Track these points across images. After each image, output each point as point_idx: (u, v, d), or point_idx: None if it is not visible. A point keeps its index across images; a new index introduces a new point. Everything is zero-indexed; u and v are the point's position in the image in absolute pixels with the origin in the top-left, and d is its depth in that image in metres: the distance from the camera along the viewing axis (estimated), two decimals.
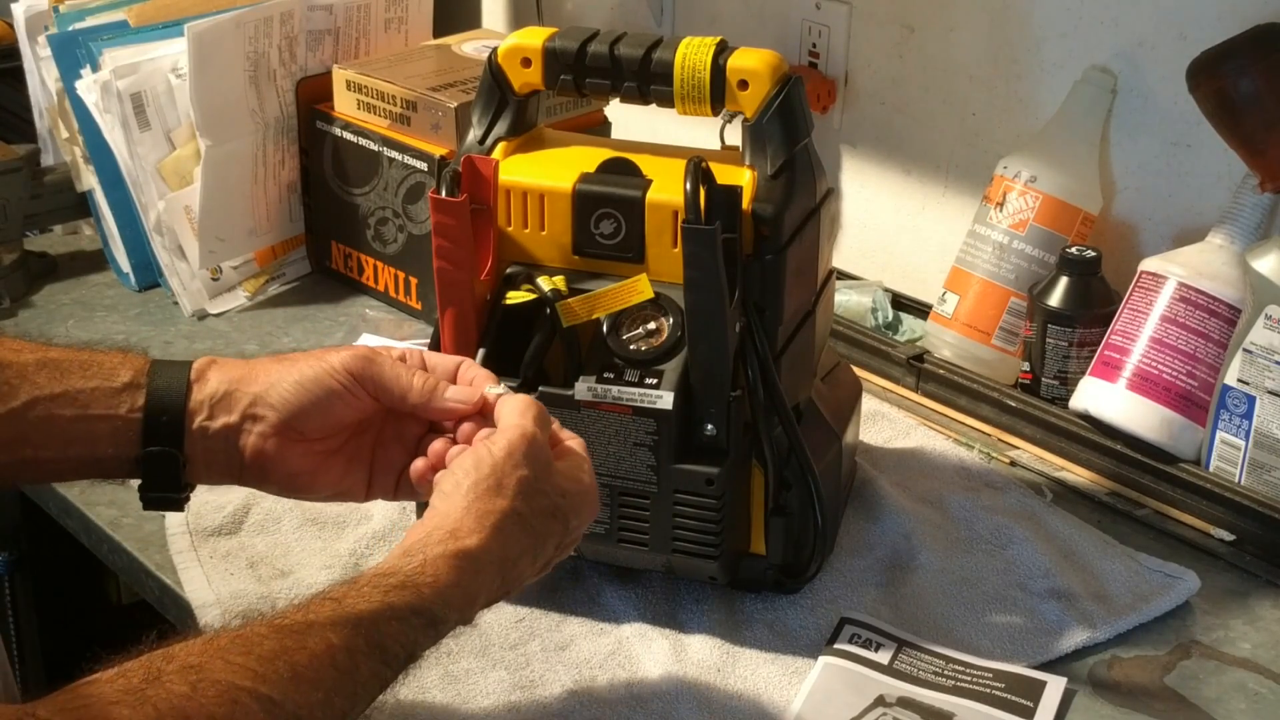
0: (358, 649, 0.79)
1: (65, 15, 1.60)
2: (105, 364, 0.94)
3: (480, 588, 0.87)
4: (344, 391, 0.95)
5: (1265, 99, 1.24)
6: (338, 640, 0.78)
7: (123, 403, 0.93)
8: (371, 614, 0.80)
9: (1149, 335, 1.31)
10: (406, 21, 1.73)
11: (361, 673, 0.79)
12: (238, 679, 0.73)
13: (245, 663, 0.74)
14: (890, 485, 1.30)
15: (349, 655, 0.78)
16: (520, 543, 0.89)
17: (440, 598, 0.84)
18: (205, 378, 0.95)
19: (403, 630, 0.82)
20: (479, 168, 1.07)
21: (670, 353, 1.09)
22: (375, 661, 0.80)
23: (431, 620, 0.84)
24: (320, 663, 0.77)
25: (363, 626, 0.80)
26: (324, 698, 0.76)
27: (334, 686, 0.77)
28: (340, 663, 0.78)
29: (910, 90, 1.60)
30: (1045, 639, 1.13)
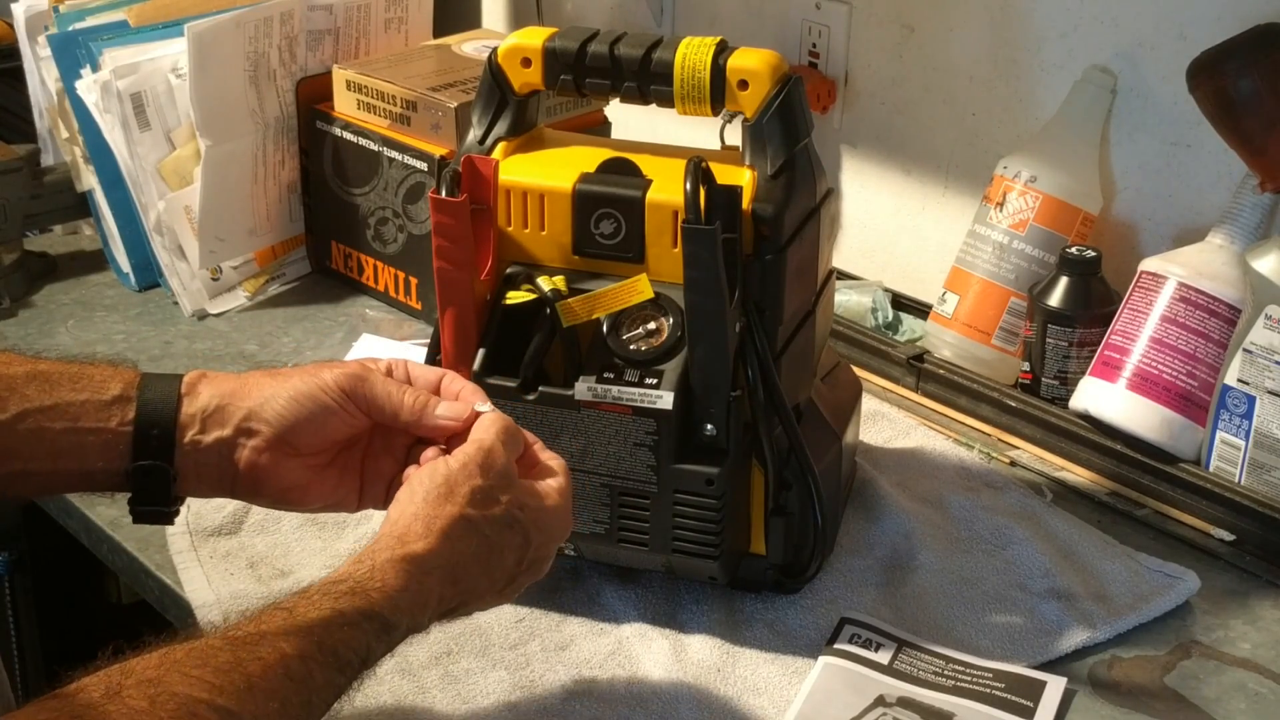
0: (311, 656, 0.79)
1: (65, 15, 1.60)
2: (95, 377, 0.94)
3: (430, 592, 0.87)
4: (337, 408, 0.96)
5: (1265, 99, 1.24)
6: (290, 649, 0.78)
7: (113, 416, 0.93)
8: (323, 621, 0.81)
9: (1149, 335, 1.31)
10: (406, 21, 1.73)
11: (316, 680, 0.79)
12: (195, 691, 0.74)
13: (201, 675, 0.75)
14: (890, 485, 1.30)
15: (302, 663, 0.79)
16: (468, 547, 0.89)
17: (390, 602, 0.84)
18: (196, 391, 0.95)
19: (355, 636, 0.82)
20: (479, 168, 1.07)
21: (670, 353, 1.09)
22: (329, 669, 0.80)
23: (383, 625, 0.84)
24: (274, 672, 0.77)
25: (314, 634, 0.80)
26: (279, 707, 0.76)
27: (289, 695, 0.77)
28: (294, 671, 0.78)
29: (910, 90, 1.60)
30: (1045, 639, 1.13)
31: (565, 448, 1.09)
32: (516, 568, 0.93)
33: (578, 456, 1.10)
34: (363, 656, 0.83)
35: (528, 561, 0.94)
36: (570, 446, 1.09)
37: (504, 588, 0.94)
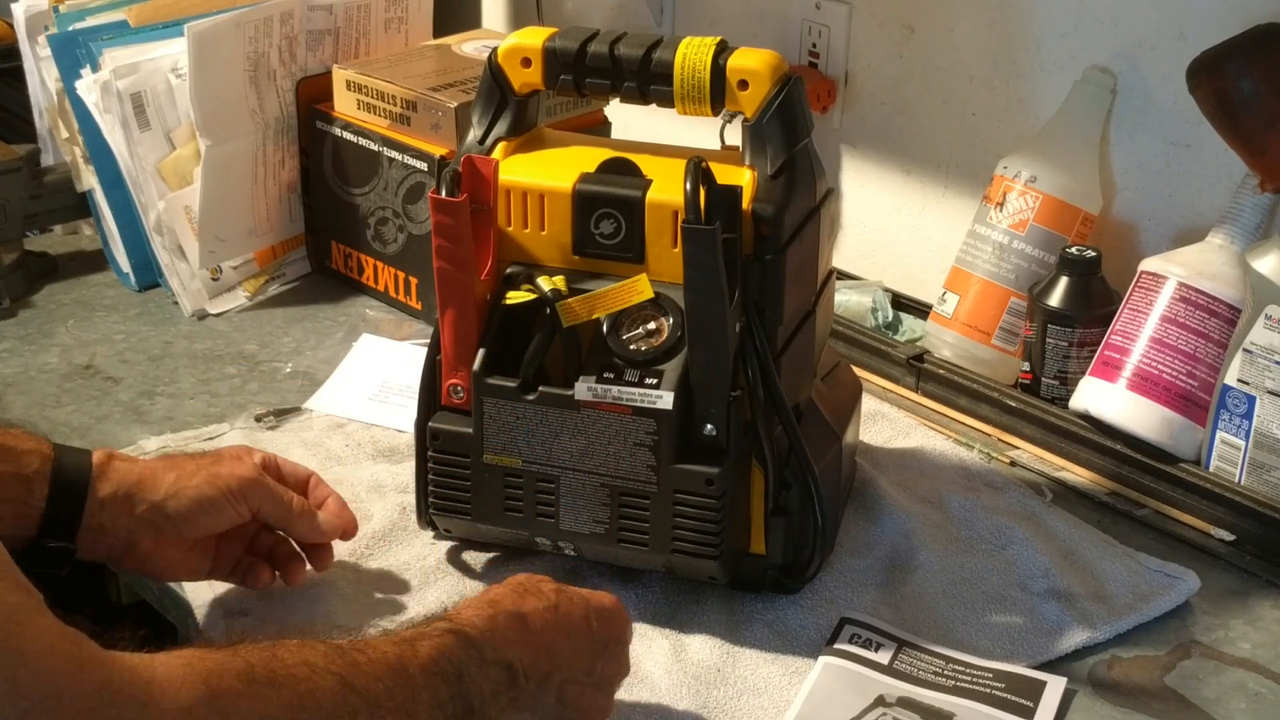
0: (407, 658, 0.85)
1: (65, 15, 1.60)
2: (15, 449, 1.01)
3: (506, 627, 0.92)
4: (231, 509, 1.07)
5: (1265, 99, 1.24)
6: (389, 649, 0.84)
7: (31, 493, 1.00)
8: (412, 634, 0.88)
9: (1149, 335, 1.31)
10: (406, 21, 1.73)
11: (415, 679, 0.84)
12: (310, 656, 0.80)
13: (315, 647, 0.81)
14: (890, 485, 1.30)
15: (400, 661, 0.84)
16: (531, 602, 0.95)
17: (467, 623, 0.91)
18: (106, 475, 1.03)
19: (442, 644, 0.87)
20: (479, 168, 1.07)
21: (670, 353, 1.09)
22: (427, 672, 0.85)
23: (466, 640, 0.88)
24: (378, 662, 0.83)
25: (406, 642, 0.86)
26: (386, 689, 0.82)
27: (394, 683, 0.82)
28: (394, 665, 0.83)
29: (910, 90, 1.60)
30: (1045, 639, 1.13)
31: (565, 448, 1.09)
32: (591, 639, 0.97)
33: (578, 456, 1.10)
34: (456, 668, 0.87)
35: (601, 638, 0.98)
36: (570, 446, 1.09)
37: (589, 663, 0.97)
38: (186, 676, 0.71)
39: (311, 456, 1.34)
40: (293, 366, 1.51)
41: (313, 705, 0.75)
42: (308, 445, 1.36)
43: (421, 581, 1.18)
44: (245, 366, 1.52)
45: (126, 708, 0.69)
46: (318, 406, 1.43)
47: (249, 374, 1.50)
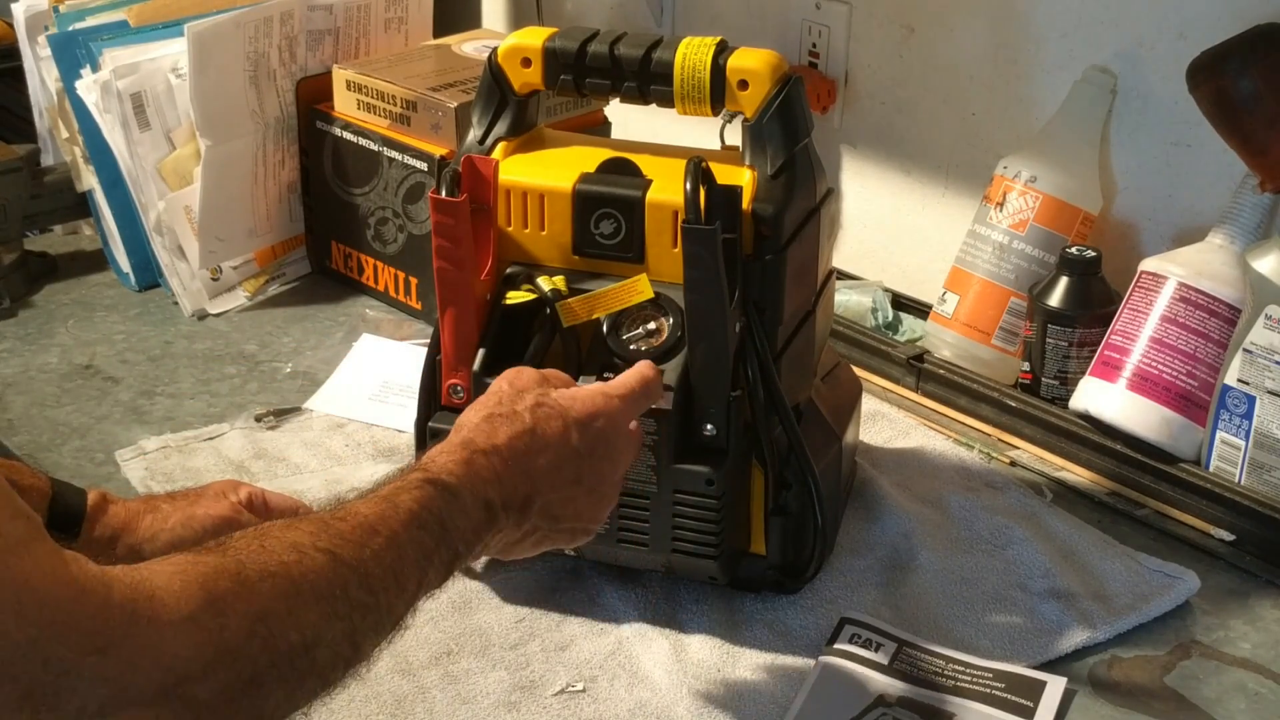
0: (387, 515, 0.85)
1: (65, 15, 1.60)
2: (18, 484, 1.00)
3: (480, 466, 0.91)
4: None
5: (1265, 99, 1.24)
6: (368, 510, 0.84)
7: None
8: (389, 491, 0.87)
9: (1149, 335, 1.31)
10: (406, 21, 1.73)
11: (398, 534, 0.84)
12: (297, 538, 0.80)
13: (299, 527, 0.81)
14: (890, 485, 1.30)
15: (382, 519, 0.84)
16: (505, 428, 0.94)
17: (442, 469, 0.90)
18: (98, 519, 1.05)
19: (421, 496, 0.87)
20: (479, 168, 1.07)
21: (670, 353, 1.09)
22: (408, 525, 0.85)
23: (444, 487, 0.88)
24: (360, 527, 0.83)
25: (384, 499, 0.86)
26: (373, 553, 0.82)
27: (378, 545, 0.82)
28: (376, 525, 0.83)
29: (910, 90, 1.60)
30: (1045, 639, 1.13)
31: None
32: (580, 459, 0.96)
33: None
34: (437, 517, 0.87)
35: (585, 446, 0.97)
36: None
37: (576, 476, 0.96)
38: (184, 585, 0.73)
39: (311, 456, 1.34)
40: (293, 366, 1.51)
41: (306, 588, 0.77)
42: (308, 445, 1.36)
43: None
44: (245, 366, 1.52)
45: (132, 625, 0.70)
46: (318, 406, 1.43)
47: (249, 374, 1.50)
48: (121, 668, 0.69)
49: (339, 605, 0.79)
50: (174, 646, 0.71)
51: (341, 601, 0.79)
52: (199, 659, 0.71)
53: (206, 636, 0.72)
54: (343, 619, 0.79)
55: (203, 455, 1.34)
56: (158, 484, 1.29)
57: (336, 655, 0.79)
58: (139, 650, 0.70)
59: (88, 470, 1.32)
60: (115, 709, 0.69)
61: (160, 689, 0.70)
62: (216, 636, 0.72)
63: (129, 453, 1.35)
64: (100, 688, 0.68)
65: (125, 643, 0.69)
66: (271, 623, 0.75)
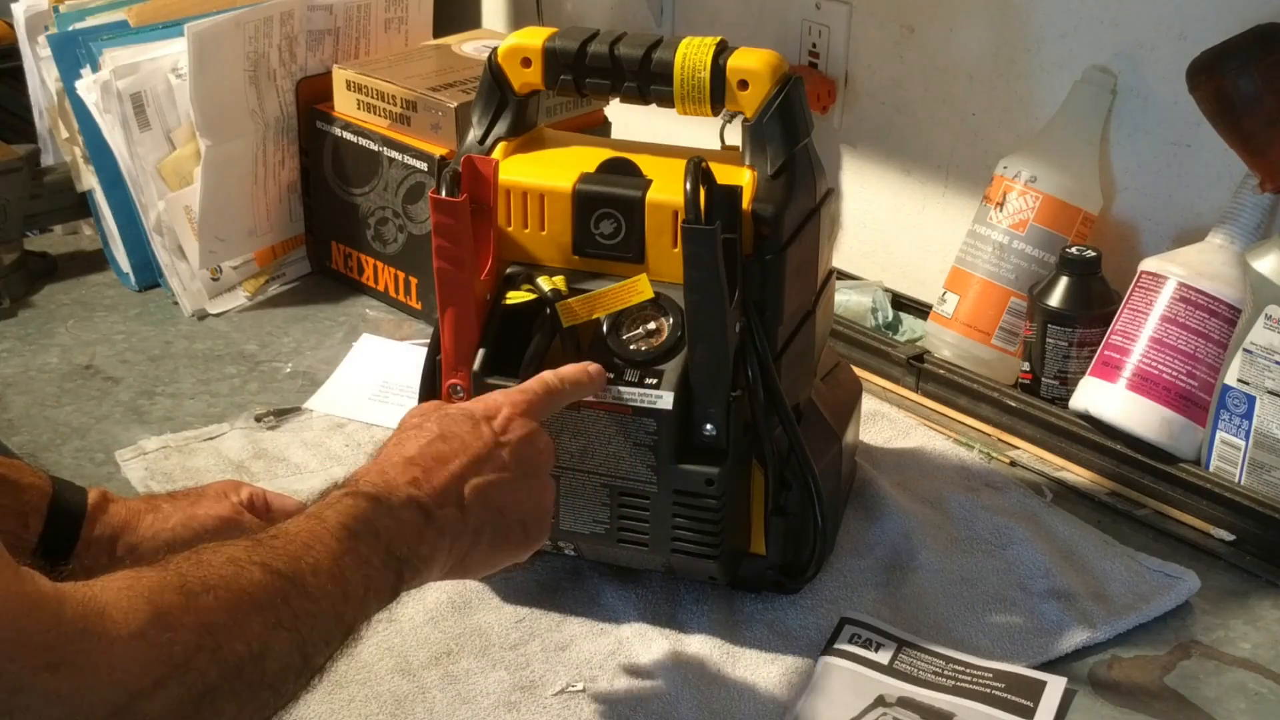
0: (316, 531, 0.85)
1: (65, 15, 1.60)
2: (18, 482, 1.02)
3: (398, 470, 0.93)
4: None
5: (1265, 99, 1.24)
6: (298, 528, 0.85)
7: (27, 527, 1.01)
8: (315, 509, 0.87)
9: (1149, 335, 1.31)
10: (406, 21, 1.73)
11: (330, 545, 0.84)
12: (233, 552, 0.80)
13: (235, 543, 0.82)
14: (890, 485, 1.30)
15: (312, 535, 0.85)
16: (414, 436, 0.96)
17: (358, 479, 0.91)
18: (98, 518, 1.05)
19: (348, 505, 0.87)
20: (479, 168, 1.07)
21: (670, 353, 1.09)
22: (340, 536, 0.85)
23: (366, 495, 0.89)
24: (293, 541, 0.83)
25: (312, 516, 0.87)
26: (310, 565, 0.82)
27: (314, 557, 0.83)
28: (307, 540, 0.84)
29: (910, 90, 1.60)
30: (1045, 639, 1.13)
31: (565, 448, 1.09)
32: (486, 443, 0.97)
33: (578, 456, 1.10)
34: (366, 523, 0.87)
35: (497, 433, 0.98)
36: (570, 446, 1.09)
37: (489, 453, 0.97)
38: (132, 600, 0.73)
39: (311, 456, 1.34)
40: (293, 366, 1.51)
41: (247, 600, 0.77)
42: (308, 445, 1.36)
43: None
44: (245, 366, 1.52)
45: (84, 640, 0.70)
46: (318, 406, 1.43)
47: (249, 374, 1.50)
48: (74, 685, 0.68)
49: (282, 615, 0.79)
50: (125, 662, 0.70)
51: (284, 611, 0.79)
52: (149, 674, 0.71)
53: (156, 652, 0.72)
54: (288, 629, 0.79)
55: (203, 455, 1.34)
56: (158, 484, 1.29)
57: (286, 665, 0.79)
58: (91, 667, 0.69)
59: (88, 470, 1.32)
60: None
61: (113, 708, 0.70)
62: (165, 651, 0.72)
63: (129, 453, 1.35)
64: (54, 706, 0.68)
65: (78, 659, 0.69)
66: (218, 634, 0.75)
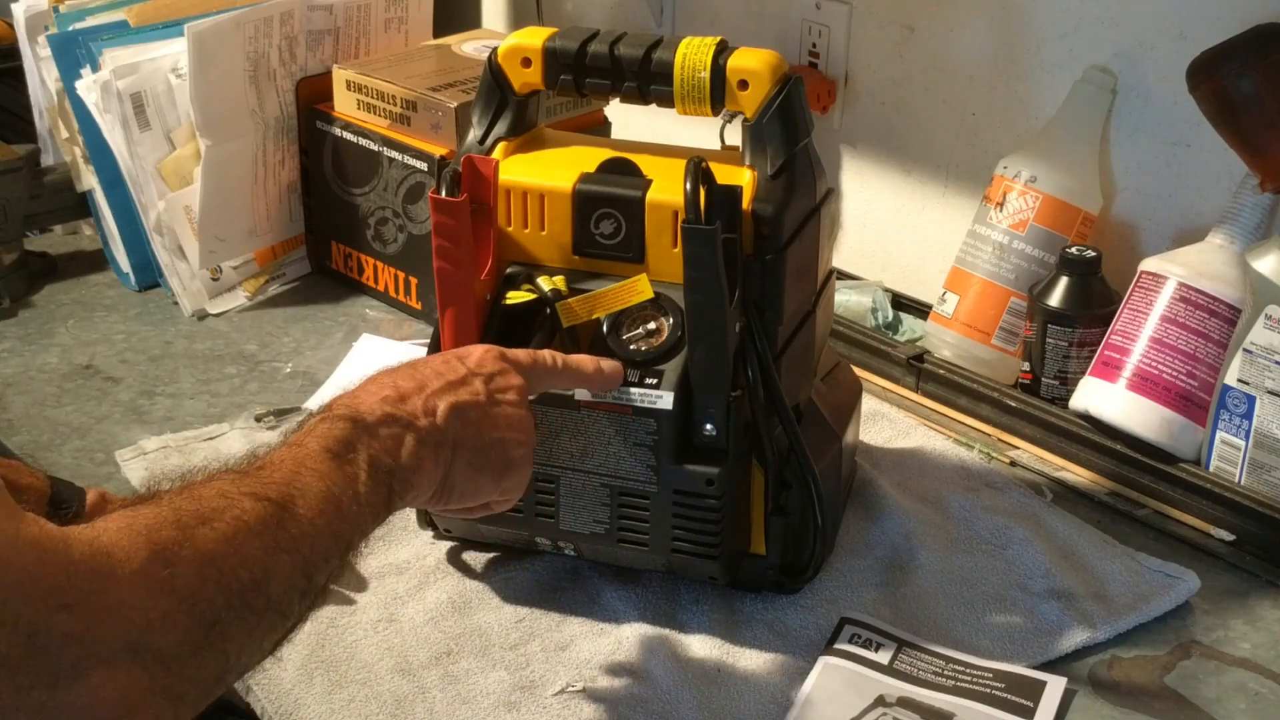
0: (300, 458, 0.86)
1: (65, 15, 1.60)
2: (15, 483, 1.00)
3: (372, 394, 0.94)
4: None
5: (1265, 99, 1.24)
6: (281, 454, 0.86)
7: None
8: (295, 438, 0.89)
9: (1149, 335, 1.31)
10: (406, 21, 1.73)
11: (317, 468, 0.86)
12: (221, 485, 0.81)
13: (222, 476, 0.83)
14: (890, 485, 1.30)
15: (295, 462, 0.86)
16: (390, 374, 0.97)
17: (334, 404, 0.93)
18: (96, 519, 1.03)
19: (326, 429, 0.89)
20: (479, 168, 1.07)
21: (670, 353, 1.09)
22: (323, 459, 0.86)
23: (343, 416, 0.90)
24: (277, 467, 0.85)
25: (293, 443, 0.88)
26: (299, 490, 0.83)
27: (303, 480, 0.84)
28: (290, 465, 0.85)
29: (910, 90, 1.60)
30: (1045, 639, 1.13)
31: (565, 448, 1.09)
32: (454, 368, 0.98)
33: (578, 456, 1.10)
34: (349, 444, 0.88)
35: (468, 362, 0.99)
36: (570, 446, 1.09)
37: (463, 375, 0.98)
38: (131, 538, 0.74)
39: None
40: (293, 366, 1.51)
41: (242, 529, 0.79)
42: None
43: (421, 581, 1.18)
44: (245, 366, 1.52)
45: (90, 580, 0.71)
46: (318, 407, 1.43)
47: (249, 374, 1.50)
48: (87, 623, 0.70)
49: (280, 539, 0.80)
50: (131, 598, 0.72)
51: (281, 535, 0.80)
52: (156, 609, 0.72)
53: (159, 585, 0.73)
54: (287, 551, 0.80)
55: (203, 455, 1.34)
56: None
57: (290, 587, 0.80)
58: (102, 606, 0.71)
59: (88, 470, 1.32)
60: (87, 668, 0.69)
61: (126, 644, 0.71)
62: (169, 584, 0.73)
63: (129, 453, 1.35)
64: (70, 647, 0.69)
65: (89, 598, 0.70)
66: (219, 564, 0.76)
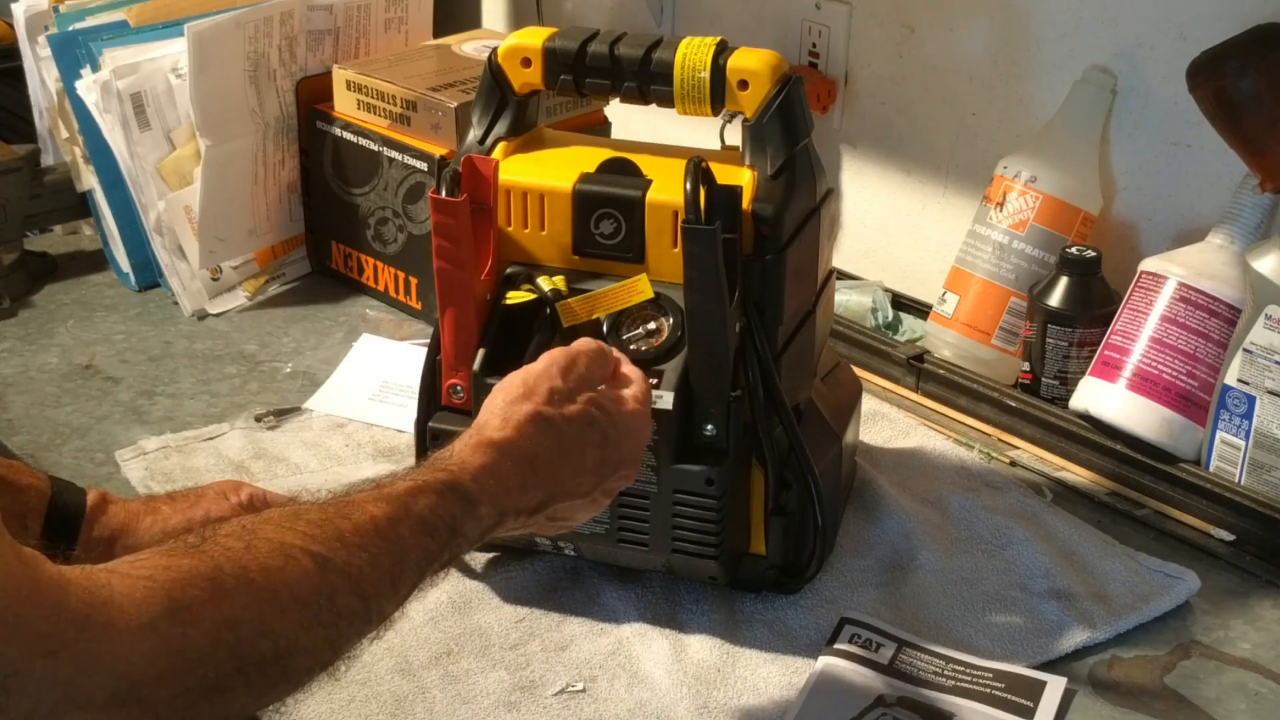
0: (398, 519, 0.84)
1: (65, 15, 1.60)
2: (17, 483, 1.02)
3: (508, 475, 0.91)
4: None
5: (1265, 99, 1.24)
6: (378, 512, 0.83)
7: (25, 528, 1.01)
8: (407, 490, 0.86)
9: (1149, 335, 1.31)
10: (406, 21, 1.73)
11: (405, 539, 0.84)
12: (288, 537, 0.78)
13: (294, 525, 0.80)
14: (890, 485, 1.30)
15: (390, 524, 0.83)
16: (545, 440, 0.94)
17: (469, 475, 0.89)
18: (97, 519, 1.05)
19: (439, 503, 0.86)
20: (479, 168, 1.07)
21: (670, 353, 1.09)
22: (417, 532, 0.85)
23: (465, 496, 0.88)
24: (364, 529, 0.82)
25: (400, 500, 0.85)
26: (369, 559, 0.81)
27: (379, 550, 0.82)
28: (383, 529, 0.83)
29: (910, 90, 1.60)
30: (1045, 639, 1.13)
31: None
32: (601, 467, 0.97)
33: None
34: (449, 525, 0.87)
35: (611, 463, 0.98)
36: None
37: (591, 488, 0.97)
38: (148, 591, 0.71)
39: (311, 456, 1.34)
40: (293, 366, 1.51)
41: (286, 595, 0.76)
42: (308, 445, 1.36)
43: None
44: (245, 366, 1.52)
45: (85, 629, 0.69)
46: (318, 406, 1.43)
47: (249, 374, 1.50)
48: (72, 672, 0.68)
49: (322, 613, 0.78)
50: (128, 652, 0.70)
51: (326, 609, 0.78)
52: (154, 666, 0.70)
53: (165, 643, 0.71)
54: (325, 625, 0.78)
55: (203, 455, 1.34)
56: (158, 484, 1.29)
57: (314, 661, 0.78)
58: (91, 655, 0.69)
59: (88, 470, 1.32)
60: (66, 711, 0.68)
61: (112, 694, 0.69)
62: (178, 644, 0.71)
63: (129, 453, 1.35)
64: (50, 691, 0.67)
65: (77, 647, 0.68)
66: (242, 630, 0.74)
